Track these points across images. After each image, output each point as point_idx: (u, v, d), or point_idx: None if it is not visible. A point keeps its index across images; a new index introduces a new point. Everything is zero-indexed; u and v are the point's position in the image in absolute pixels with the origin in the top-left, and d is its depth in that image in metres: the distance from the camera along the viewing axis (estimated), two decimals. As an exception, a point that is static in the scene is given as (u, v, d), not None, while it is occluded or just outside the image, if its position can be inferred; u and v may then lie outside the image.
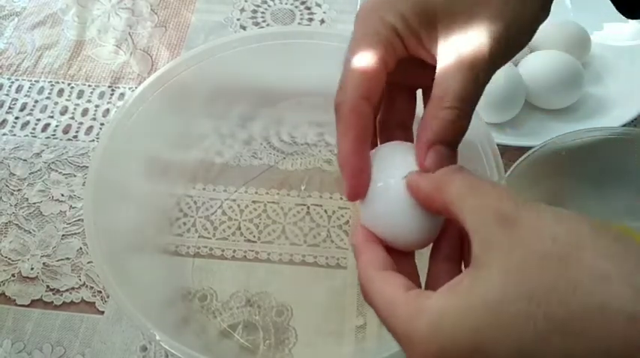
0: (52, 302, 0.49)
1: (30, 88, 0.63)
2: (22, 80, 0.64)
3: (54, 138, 0.59)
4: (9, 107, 0.61)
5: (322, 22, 0.68)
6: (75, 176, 0.56)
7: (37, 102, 0.62)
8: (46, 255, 0.51)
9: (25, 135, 0.59)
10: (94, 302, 0.48)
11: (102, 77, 0.64)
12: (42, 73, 0.64)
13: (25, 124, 0.60)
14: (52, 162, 0.57)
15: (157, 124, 0.47)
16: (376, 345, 0.45)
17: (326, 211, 0.52)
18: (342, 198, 0.53)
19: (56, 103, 0.61)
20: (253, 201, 0.53)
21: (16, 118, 0.60)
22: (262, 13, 0.69)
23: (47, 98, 0.62)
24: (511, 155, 0.52)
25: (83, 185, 0.54)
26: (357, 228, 0.30)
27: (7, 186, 0.55)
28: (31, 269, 0.50)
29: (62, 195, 0.55)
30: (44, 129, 0.59)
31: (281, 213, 0.52)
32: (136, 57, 0.65)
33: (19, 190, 0.55)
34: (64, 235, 0.52)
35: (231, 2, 0.70)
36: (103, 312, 0.48)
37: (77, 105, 0.61)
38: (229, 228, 0.52)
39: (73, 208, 0.54)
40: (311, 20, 0.68)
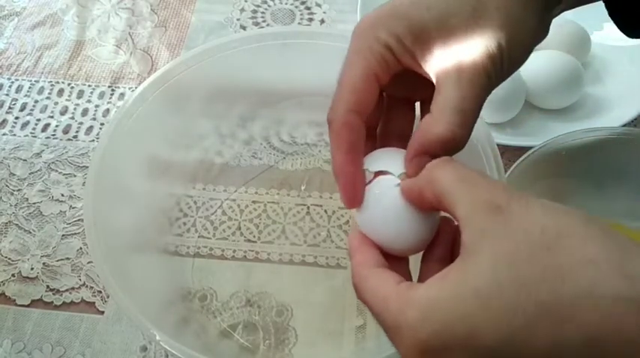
0: (52, 302, 0.49)
1: (30, 88, 0.63)
2: (22, 80, 0.64)
3: (54, 138, 0.59)
4: (9, 107, 0.61)
5: (322, 22, 0.68)
6: (75, 176, 0.56)
7: (37, 102, 0.62)
8: (46, 255, 0.51)
9: (25, 135, 0.59)
10: (94, 302, 0.48)
11: (102, 77, 0.64)
12: (42, 73, 0.64)
13: (25, 124, 0.60)
14: (52, 162, 0.57)
15: (157, 124, 0.47)
16: (376, 345, 0.45)
17: (326, 211, 0.52)
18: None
19: (56, 103, 0.61)
20: (253, 201, 0.53)
21: (16, 118, 0.60)
22: (262, 13, 0.69)
23: (47, 98, 0.62)
24: (511, 155, 0.52)
25: (83, 185, 0.54)
26: (353, 232, 0.30)
27: (7, 186, 0.55)
28: (31, 269, 0.50)
29: (62, 195, 0.55)
30: (44, 129, 0.59)
31: (281, 213, 0.52)
32: (136, 57, 0.65)
33: (19, 190, 0.55)
34: (64, 235, 0.52)
35: (231, 2, 0.70)
36: (103, 312, 0.48)
37: (77, 105, 0.61)
38: (229, 228, 0.52)
39: (73, 208, 0.54)
40: (311, 20, 0.68)
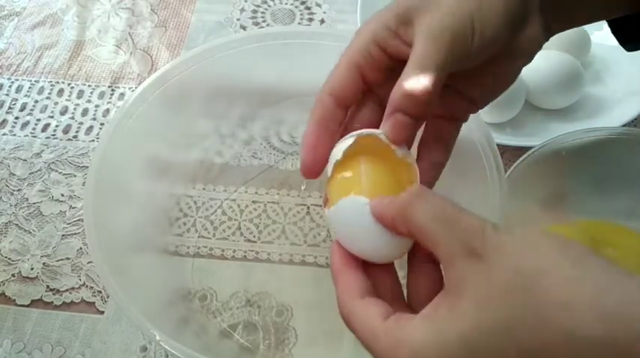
0: (52, 302, 0.49)
1: (30, 88, 0.63)
2: (22, 80, 0.64)
3: (54, 138, 0.59)
4: (9, 107, 0.61)
5: (322, 22, 0.68)
6: (75, 176, 0.56)
7: (37, 102, 0.62)
8: (46, 255, 0.51)
9: (25, 135, 0.59)
10: (94, 302, 0.48)
11: (102, 77, 0.64)
12: (42, 73, 0.64)
13: (25, 124, 0.60)
14: (52, 162, 0.57)
15: (157, 124, 0.47)
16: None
17: (326, 211, 0.52)
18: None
19: (56, 103, 0.61)
20: (253, 201, 0.53)
21: (16, 118, 0.60)
22: (262, 13, 0.69)
23: (47, 98, 0.62)
24: (511, 155, 0.52)
25: (83, 185, 0.54)
26: (335, 250, 0.30)
27: (7, 186, 0.55)
28: (31, 269, 0.50)
29: (62, 195, 0.55)
30: (44, 129, 0.59)
31: (281, 213, 0.52)
32: (136, 57, 0.65)
33: (19, 190, 0.55)
34: (64, 235, 0.52)
35: (231, 2, 0.70)
36: (103, 312, 0.48)
37: (77, 105, 0.61)
38: (229, 228, 0.52)
39: (73, 208, 0.54)
40: (311, 20, 0.68)
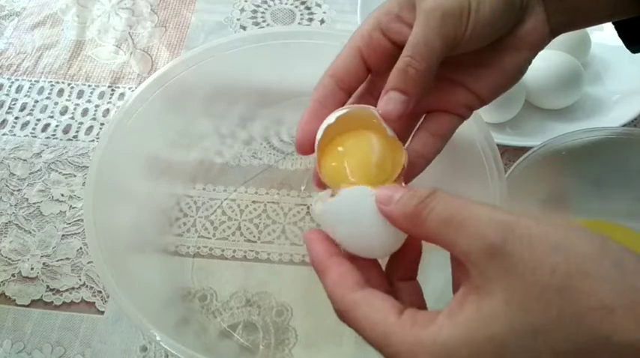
0: (52, 302, 0.49)
1: (30, 88, 0.63)
2: (22, 80, 0.64)
3: (54, 138, 0.59)
4: (9, 107, 0.61)
5: (322, 22, 0.68)
6: (75, 176, 0.56)
7: (37, 102, 0.62)
8: (46, 255, 0.51)
9: (25, 135, 0.59)
10: (94, 302, 0.48)
11: (102, 77, 0.64)
12: (42, 73, 0.64)
13: (25, 124, 0.60)
14: (52, 162, 0.57)
15: (157, 124, 0.47)
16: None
17: (326, 211, 0.52)
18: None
19: (56, 103, 0.61)
20: (253, 201, 0.53)
21: (16, 118, 0.60)
22: (262, 13, 0.69)
23: (47, 98, 0.62)
24: (511, 155, 0.52)
25: (83, 185, 0.54)
26: (315, 239, 0.29)
27: (7, 186, 0.55)
28: (31, 269, 0.50)
29: (62, 195, 0.55)
30: (44, 129, 0.59)
31: (281, 213, 0.52)
32: (136, 57, 0.65)
33: (19, 190, 0.55)
34: (64, 235, 0.52)
35: (231, 2, 0.70)
36: (103, 312, 0.48)
37: (77, 105, 0.61)
38: (229, 228, 0.52)
39: (73, 208, 0.54)
40: (311, 20, 0.68)
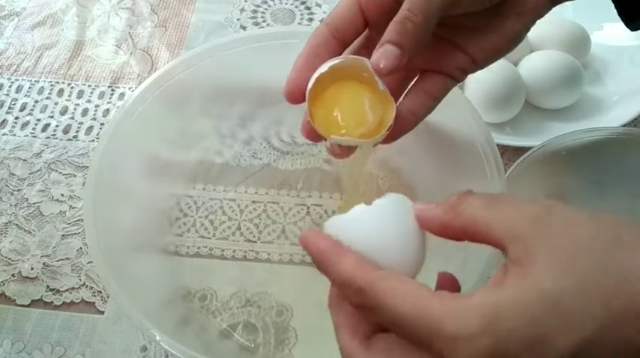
0: (52, 302, 0.49)
1: (30, 88, 0.63)
2: (22, 80, 0.64)
3: (54, 138, 0.59)
4: (9, 107, 0.61)
5: (322, 22, 0.68)
6: (75, 176, 0.56)
7: (37, 102, 0.62)
8: (46, 255, 0.51)
9: (25, 135, 0.59)
10: (94, 302, 0.48)
11: (102, 77, 0.64)
12: (42, 73, 0.64)
13: (25, 124, 0.60)
14: (52, 162, 0.57)
15: (157, 124, 0.47)
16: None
17: (326, 211, 0.52)
18: (342, 198, 0.53)
19: (56, 103, 0.61)
20: (253, 201, 0.53)
21: (16, 118, 0.60)
22: (262, 13, 0.69)
23: (47, 98, 0.62)
24: (511, 155, 0.52)
25: (83, 185, 0.54)
26: (317, 236, 0.27)
27: (7, 186, 0.55)
28: (31, 269, 0.50)
29: (62, 195, 0.55)
30: (44, 129, 0.59)
31: (281, 213, 0.52)
32: (136, 57, 0.65)
33: (19, 190, 0.55)
34: (64, 235, 0.52)
35: (231, 2, 0.70)
36: (103, 312, 0.48)
37: (77, 105, 0.61)
38: (229, 228, 0.52)
39: (73, 208, 0.54)
40: (311, 20, 0.68)
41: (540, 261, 0.22)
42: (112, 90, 0.62)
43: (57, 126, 0.60)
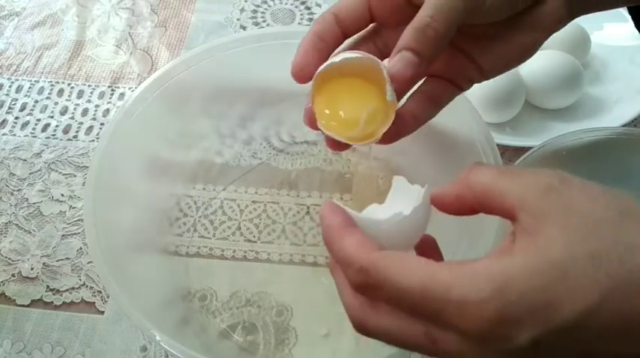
0: (52, 302, 0.48)
1: (30, 88, 0.63)
2: (22, 80, 0.64)
3: (54, 138, 0.59)
4: (9, 107, 0.61)
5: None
6: (75, 176, 0.56)
7: (37, 102, 0.62)
8: (46, 255, 0.51)
9: (25, 135, 0.59)
10: (94, 302, 0.48)
11: (102, 77, 0.64)
12: (42, 73, 0.64)
13: (25, 124, 0.60)
14: (52, 162, 0.57)
15: (157, 124, 0.47)
16: (376, 345, 0.45)
17: (326, 211, 0.52)
18: (342, 198, 0.53)
19: (56, 103, 0.61)
20: (253, 201, 0.53)
21: (16, 118, 0.60)
22: (262, 13, 0.69)
23: (47, 98, 0.62)
24: (511, 155, 0.52)
25: (83, 185, 0.54)
26: (334, 210, 0.28)
27: (7, 186, 0.55)
28: (31, 269, 0.50)
29: (62, 195, 0.55)
30: (44, 129, 0.59)
31: (281, 213, 0.52)
32: (136, 57, 0.65)
33: (19, 190, 0.55)
34: (64, 235, 0.52)
35: (231, 2, 0.70)
36: (103, 312, 0.48)
37: (77, 105, 0.61)
38: (229, 228, 0.52)
39: (73, 208, 0.54)
40: (311, 20, 0.68)
41: (550, 230, 0.23)
42: (112, 90, 0.62)
43: (57, 126, 0.60)
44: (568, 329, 0.21)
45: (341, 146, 0.33)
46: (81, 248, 0.51)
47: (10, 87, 0.63)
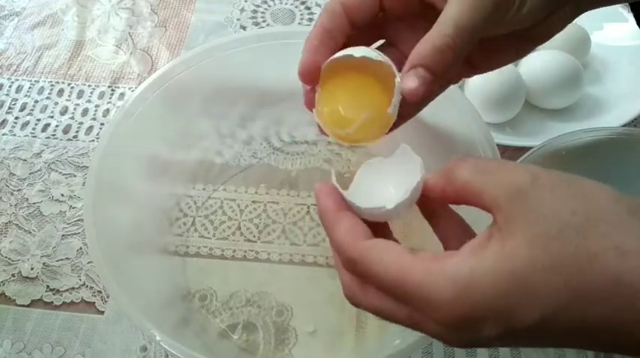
0: (52, 302, 0.49)
1: (30, 88, 0.63)
2: (22, 80, 0.64)
3: (54, 138, 0.59)
4: (9, 107, 0.61)
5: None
6: (75, 176, 0.56)
7: (37, 102, 0.62)
8: (46, 255, 0.51)
9: (25, 135, 0.59)
10: (94, 302, 0.48)
11: (102, 77, 0.64)
12: (42, 73, 0.64)
13: (25, 124, 0.60)
14: (52, 162, 0.57)
15: (157, 124, 0.47)
16: (376, 345, 0.45)
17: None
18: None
19: (56, 103, 0.61)
20: (253, 201, 0.53)
21: (16, 118, 0.60)
22: (262, 13, 0.69)
23: (47, 98, 0.62)
24: (511, 155, 0.52)
25: (83, 185, 0.54)
26: (326, 192, 0.29)
27: (7, 186, 0.55)
28: (31, 269, 0.50)
29: (62, 195, 0.55)
30: (44, 129, 0.59)
31: (281, 213, 0.52)
32: (136, 57, 0.65)
33: (19, 190, 0.55)
34: (64, 235, 0.52)
35: (231, 2, 0.70)
36: (103, 312, 0.48)
37: (77, 105, 0.61)
38: (229, 228, 0.52)
39: (73, 208, 0.54)
40: (311, 20, 0.68)
41: (517, 235, 0.23)
42: (112, 90, 0.62)
43: (57, 126, 0.60)
44: (529, 329, 0.23)
45: (325, 133, 0.33)
46: (81, 248, 0.51)
47: (10, 87, 0.63)
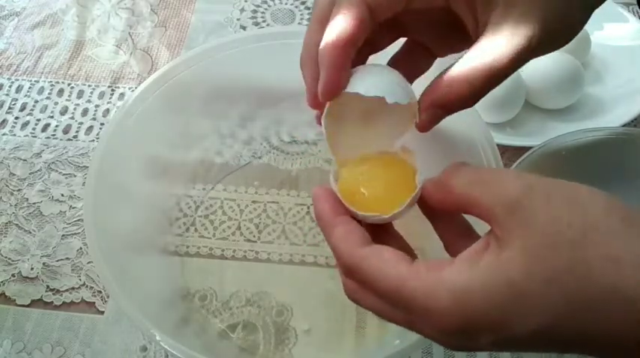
0: (52, 302, 0.48)
1: (30, 88, 0.63)
2: (22, 80, 0.64)
3: (54, 138, 0.59)
4: (9, 107, 0.61)
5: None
6: (75, 176, 0.56)
7: (37, 102, 0.62)
8: (46, 255, 0.51)
9: (25, 135, 0.59)
10: (94, 302, 0.48)
11: (102, 77, 0.64)
12: (42, 73, 0.64)
13: (25, 124, 0.60)
14: (52, 162, 0.57)
15: (157, 124, 0.47)
16: (376, 345, 0.45)
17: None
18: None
19: (56, 103, 0.61)
20: (253, 201, 0.53)
21: (16, 118, 0.60)
22: (262, 13, 0.69)
23: (47, 98, 0.62)
24: (511, 155, 0.52)
25: (83, 185, 0.54)
26: (323, 197, 0.29)
27: (7, 186, 0.55)
28: (31, 269, 0.50)
29: (62, 195, 0.55)
30: (44, 129, 0.59)
31: (281, 213, 0.52)
32: (136, 57, 0.65)
33: (19, 190, 0.55)
34: (64, 235, 0.52)
35: (231, 2, 0.70)
36: (103, 312, 0.48)
37: (77, 105, 0.61)
38: (229, 228, 0.52)
39: (73, 208, 0.54)
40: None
41: (513, 246, 0.23)
42: (112, 90, 0.62)
43: (57, 126, 0.60)
44: (526, 338, 0.23)
45: (319, 105, 0.31)
46: (81, 248, 0.51)
47: (10, 87, 0.63)
